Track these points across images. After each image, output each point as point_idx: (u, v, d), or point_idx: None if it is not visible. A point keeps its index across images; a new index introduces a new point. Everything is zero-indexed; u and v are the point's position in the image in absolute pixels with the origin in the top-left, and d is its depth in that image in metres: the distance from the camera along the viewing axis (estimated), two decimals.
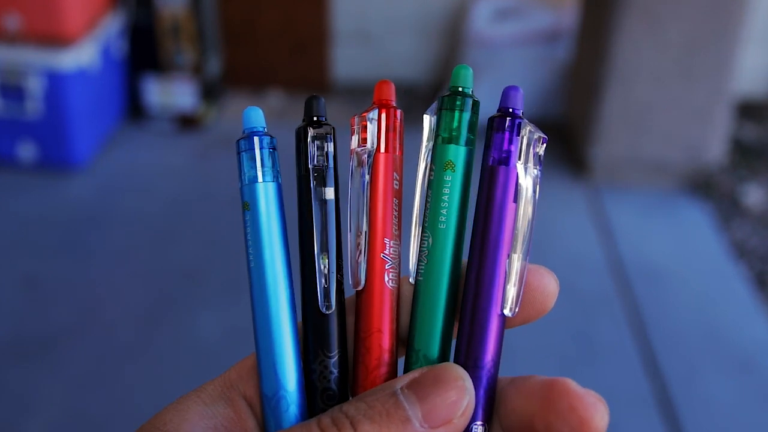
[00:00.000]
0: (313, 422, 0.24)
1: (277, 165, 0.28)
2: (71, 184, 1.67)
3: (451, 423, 0.24)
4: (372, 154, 0.28)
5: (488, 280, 0.27)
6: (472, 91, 0.28)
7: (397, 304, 0.28)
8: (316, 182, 0.27)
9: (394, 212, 0.28)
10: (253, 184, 0.27)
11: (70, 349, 1.25)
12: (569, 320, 1.32)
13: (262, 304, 0.27)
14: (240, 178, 0.27)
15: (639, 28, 1.58)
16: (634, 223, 1.61)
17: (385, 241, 0.28)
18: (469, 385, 0.25)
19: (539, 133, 0.27)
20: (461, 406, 0.24)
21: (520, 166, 0.27)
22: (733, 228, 1.63)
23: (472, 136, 0.28)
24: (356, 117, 0.28)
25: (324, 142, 0.27)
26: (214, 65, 1.95)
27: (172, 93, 1.87)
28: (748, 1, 1.56)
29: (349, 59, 2.10)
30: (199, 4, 1.82)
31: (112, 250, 1.49)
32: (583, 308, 1.36)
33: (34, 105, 1.66)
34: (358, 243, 0.28)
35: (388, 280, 0.28)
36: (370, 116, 0.28)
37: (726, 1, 1.55)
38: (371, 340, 0.27)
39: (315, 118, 0.28)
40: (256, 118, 0.28)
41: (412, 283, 0.28)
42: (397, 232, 0.28)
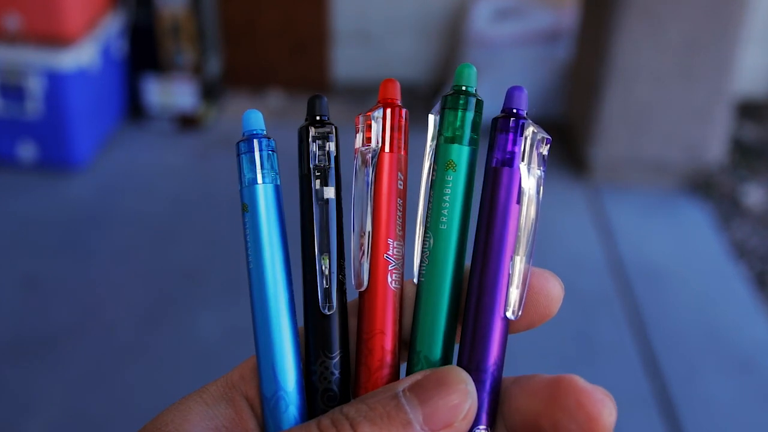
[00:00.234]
0: (313, 423, 0.24)
1: (276, 167, 0.28)
2: (71, 184, 1.67)
3: (452, 426, 0.24)
4: (376, 153, 0.27)
5: (491, 283, 0.26)
6: (476, 90, 0.27)
7: (400, 305, 0.28)
8: (318, 182, 0.27)
9: (398, 213, 0.28)
10: (252, 186, 0.27)
11: (70, 349, 1.25)
12: (569, 320, 1.32)
13: (261, 306, 0.27)
14: (239, 180, 0.28)
15: (639, 28, 1.58)
16: (634, 223, 1.61)
17: (389, 241, 0.27)
18: (471, 388, 0.25)
19: (543, 134, 0.27)
20: (463, 409, 0.24)
21: (524, 167, 0.26)
22: (733, 228, 1.63)
23: (476, 136, 0.27)
24: (361, 116, 0.28)
25: (326, 142, 0.27)
26: (214, 65, 1.95)
27: (172, 93, 1.87)
28: (748, 1, 1.56)
29: (349, 59, 2.10)
30: (199, 4, 1.82)
31: (112, 250, 1.49)
32: (583, 308, 1.36)
33: (34, 105, 1.66)
34: (361, 243, 0.27)
35: (391, 281, 0.27)
36: (375, 115, 0.27)
37: (726, 1, 1.55)
38: (373, 341, 0.27)
39: (317, 118, 0.28)
40: (255, 120, 0.28)
41: (415, 284, 0.28)
42: (400, 232, 0.28)
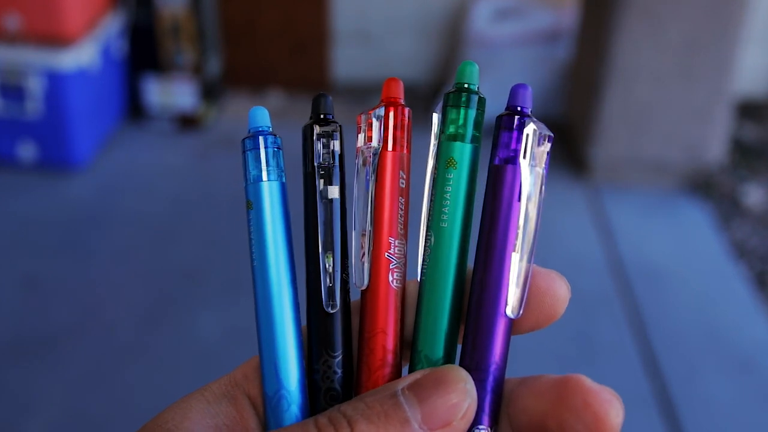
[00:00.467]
0: (311, 421, 0.24)
1: (282, 164, 0.27)
2: (71, 184, 1.67)
3: (451, 425, 0.24)
4: (378, 152, 0.27)
5: (493, 282, 0.26)
6: (478, 88, 0.27)
7: (402, 304, 0.27)
8: (322, 180, 0.27)
9: (400, 211, 0.27)
10: (257, 183, 0.27)
11: (70, 349, 1.25)
12: (569, 320, 1.32)
13: (264, 303, 0.27)
14: (245, 177, 0.27)
15: (639, 28, 1.58)
16: (634, 223, 1.61)
17: (390, 240, 0.27)
18: (471, 387, 0.25)
19: (546, 132, 0.26)
20: (462, 408, 0.24)
21: (527, 165, 0.26)
22: (733, 228, 1.63)
23: (478, 134, 0.27)
24: (363, 115, 0.28)
25: (330, 140, 0.27)
26: (214, 65, 1.95)
27: (172, 93, 1.87)
28: (748, 1, 1.56)
29: (349, 59, 2.10)
30: (199, 4, 1.82)
31: (112, 250, 1.49)
32: (583, 308, 1.36)
33: (34, 105, 1.66)
34: (362, 242, 0.27)
35: (393, 279, 0.27)
36: (377, 114, 0.27)
37: (726, 1, 1.55)
38: (375, 340, 0.27)
39: (322, 116, 0.28)
40: (261, 117, 0.28)
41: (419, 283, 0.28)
42: (402, 231, 0.27)
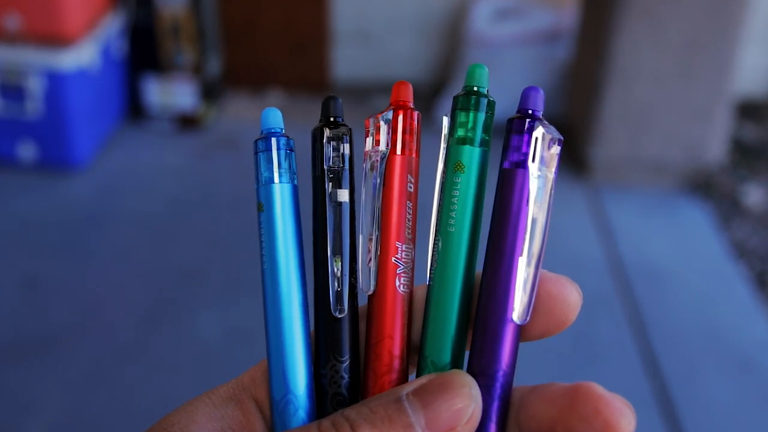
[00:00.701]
0: (314, 425, 0.24)
1: (294, 166, 0.27)
2: (71, 184, 1.67)
3: (455, 431, 0.24)
4: (385, 156, 0.27)
5: (501, 287, 0.26)
6: (487, 91, 0.27)
7: (409, 309, 0.27)
8: (331, 183, 0.27)
9: (408, 216, 0.27)
10: (269, 185, 0.27)
11: (70, 349, 1.25)
12: None
13: (274, 307, 0.27)
14: (256, 179, 0.27)
15: (639, 28, 1.58)
16: (634, 223, 1.61)
17: (397, 244, 0.27)
18: (476, 393, 0.24)
19: (556, 135, 0.26)
20: (466, 414, 0.24)
21: (536, 169, 0.26)
22: (733, 228, 1.63)
23: (487, 137, 0.27)
24: (371, 118, 0.27)
25: (340, 143, 0.27)
26: (214, 65, 1.95)
27: (172, 93, 1.87)
28: (748, 1, 1.56)
29: (349, 59, 2.10)
30: (199, 4, 1.82)
31: (112, 250, 1.49)
32: (583, 308, 1.35)
33: (34, 105, 1.66)
34: (369, 247, 0.27)
35: (400, 284, 0.27)
36: (386, 117, 0.27)
37: (726, 1, 1.55)
38: (381, 345, 0.27)
39: (332, 119, 0.27)
40: (274, 118, 0.27)
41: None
42: (410, 236, 0.27)
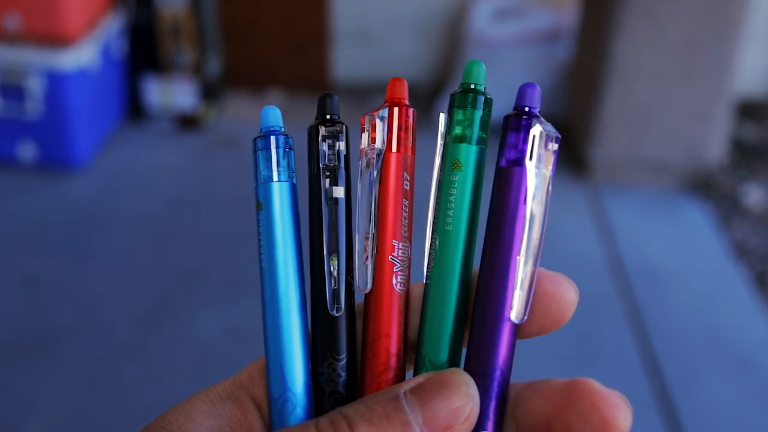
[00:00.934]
0: (312, 423, 0.24)
1: (293, 165, 0.27)
2: (71, 184, 1.67)
3: (452, 429, 0.24)
4: (381, 153, 0.27)
5: (499, 286, 0.26)
6: (485, 88, 0.27)
7: (406, 307, 0.27)
8: (327, 181, 0.27)
9: (404, 214, 0.27)
10: (267, 183, 0.27)
11: (70, 349, 1.25)
12: (569, 320, 1.32)
13: (272, 305, 0.27)
14: (255, 177, 0.27)
15: (639, 28, 1.58)
16: (634, 223, 1.61)
17: (394, 243, 0.27)
18: (473, 391, 0.24)
19: (554, 133, 0.26)
20: (464, 412, 0.24)
21: (533, 167, 0.26)
22: (733, 228, 1.63)
23: (485, 135, 0.27)
24: (366, 115, 0.27)
25: (336, 141, 0.27)
26: (214, 65, 1.95)
27: (172, 93, 1.87)
28: (748, 1, 1.56)
29: (349, 59, 2.10)
30: (199, 4, 1.82)
31: (112, 250, 1.49)
32: (583, 308, 1.34)
33: (34, 105, 1.66)
34: (366, 245, 0.27)
35: (396, 283, 0.27)
36: (381, 114, 0.27)
37: (726, 1, 1.55)
38: (378, 344, 0.27)
39: (328, 117, 0.27)
40: (273, 117, 0.27)
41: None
42: (407, 234, 0.27)
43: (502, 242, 0.26)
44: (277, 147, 0.27)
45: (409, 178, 0.27)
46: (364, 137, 0.27)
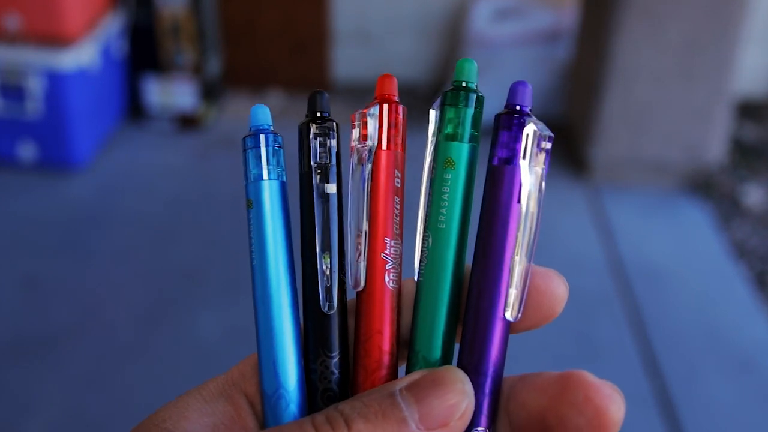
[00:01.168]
0: (308, 420, 0.24)
1: (282, 163, 0.27)
2: (71, 184, 1.67)
3: (448, 426, 0.24)
4: (373, 150, 0.27)
5: (492, 284, 0.26)
6: (476, 86, 0.27)
7: (398, 304, 0.27)
8: (319, 179, 0.27)
9: (396, 211, 0.27)
10: (257, 181, 0.27)
11: (70, 349, 1.25)
12: (569, 320, 1.32)
13: (263, 302, 0.27)
14: (245, 176, 0.27)
15: (639, 28, 1.58)
16: (634, 223, 1.61)
17: (386, 240, 0.27)
18: (468, 388, 0.25)
19: (546, 131, 0.26)
20: (459, 409, 0.24)
21: (526, 165, 0.25)
22: (733, 228, 1.63)
23: (476, 133, 0.26)
24: (357, 113, 0.27)
25: (327, 139, 0.27)
26: (214, 65, 1.95)
27: (172, 93, 1.87)
28: (748, 1, 1.56)
29: (349, 59, 2.10)
30: (199, 4, 1.82)
31: (112, 250, 1.49)
32: (583, 308, 1.36)
33: (34, 105, 1.66)
34: (358, 243, 0.27)
35: (389, 280, 0.27)
36: (371, 112, 0.27)
37: (726, 1, 1.55)
38: (371, 342, 0.27)
39: (318, 114, 0.27)
40: (263, 115, 0.27)
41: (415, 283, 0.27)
42: (398, 231, 0.27)
43: (497, 241, 0.26)
44: (267, 145, 0.27)
45: (400, 176, 0.27)
46: (355, 134, 0.27)
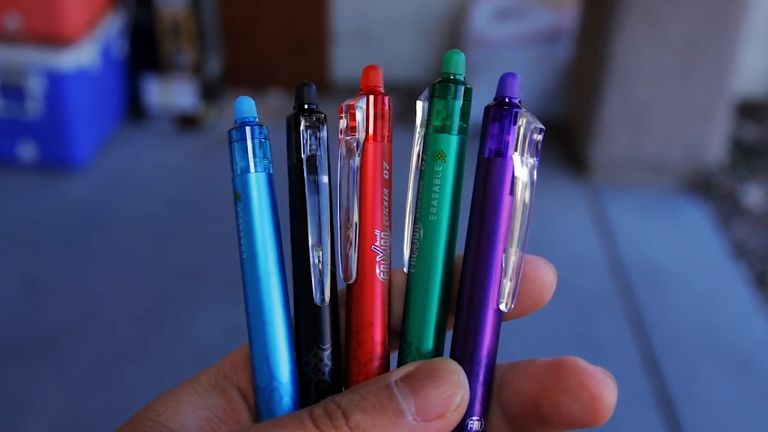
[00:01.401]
0: (305, 412, 0.24)
1: (269, 155, 0.27)
2: (71, 184, 1.67)
3: (444, 417, 0.24)
4: (361, 142, 0.27)
5: (484, 275, 0.26)
6: (464, 78, 0.27)
7: (388, 296, 0.27)
8: (309, 171, 0.27)
9: (385, 203, 0.27)
10: (245, 174, 0.27)
11: (70, 349, 1.25)
12: (569, 320, 1.32)
13: (254, 296, 0.27)
14: (232, 169, 0.27)
15: (639, 28, 1.58)
16: (634, 223, 1.61)
17: (376, 232, 0.27)
18: (463, 380, 0.25)
19: (536, 123, 0.26)
20: (455, 401, 0.24)
21: (517, 157, 0.26)
22: (733, 228, 1.63)
23: (465, 125, 0.27)
24: (344, 105, 0.27)
25: (316, 131, 0.27)
26: (214, 65, 1.95)
27: (172, 93, 1.87)
28: (748, 1, 1.56)
29: (349, 59, 2.10)
30: (199, 4, 1.82)
31: (112, 250, 1.49)
32: (583, 308, 1.36)
33: (34, 105, 1.66)
34: (348, 235, 0.27)
35: (380, 272, 0.27)
36: (359, 104, 0.27)
37: (726, 1, 1.55)
38: (363, 334, 0.27)
39: (306, 106, 0.27)
40: (247, 107, 0.27)
41: (405, 273, 0.27)
42: (387, 223, 0.27)
43: (489, 233, 0.26)
44: (253, 138, 0.27)
45: (387, 167, 0.27)
46: (343, 127, 0.27)
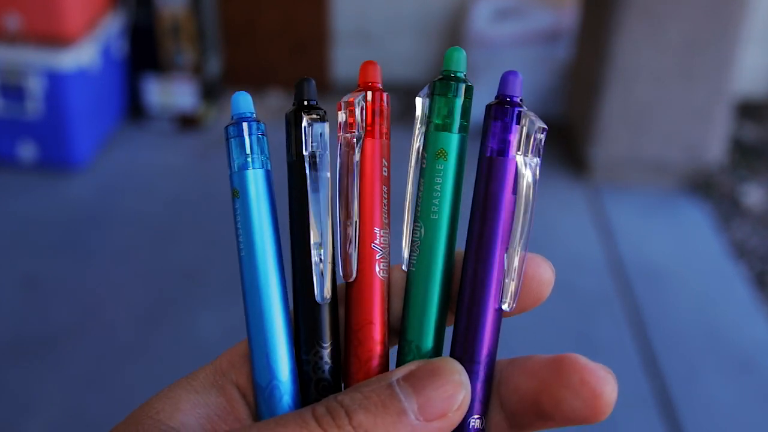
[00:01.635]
0: (308, 410, 0.24)
1: (266, 151, 0.27)
2: (71, 184, 1.67)
3: (446, 417, 0.24)
4: (360, 139, 0.27)
5: (485, 275, 0.26)
6: (465, 75, 0.27)
7: (388, 294, 0.27)
8: (310, 168, 0.26)
9: (384, 200, 0.27)
10: (242, 171, 0.26)
11: (70, 349, 1.25)
12: (569, 320, 1.32)
13: (253, 293, 0.26)
14: (229, 166, 0.27)
15: (639, 28, 1.58)
16: (634, 223, 1.61)
17: (375, 230, 0.27)
18: (465, 379, 0.25)
19: (539, 122, 0.26)
20: (457, 400, 0.24)
21: (519, 157, 0.25)
22: (733, 228, 1.63)
23: (466, 123, 0.26)
24: (342, 101, 0.27)
25: (317, 127, 0.26)
26: (214, 65, 1.95)
27: (172, 93, 1.87)
28: (748, 1, 1.56)
29: (349, 59, 2.10)
30: (199, 4, 1.82)
31: (112, 250, 1.49)
32: (583, 308, 1.36)
33: (34, 105, 1.66)
34: (348, 233, 0.27)
35: (379, 270, 0.27)
36: (358, 101, 0.27)
37: (726, 1, 1.55)
38: (363, 332, 0.27)
39: (306, 102, 0.27)
40: (244, 103, 0.27)
41: (404, 271, 0.27)
42: (386, 220, 0.27)
43: (491, 232, 0.26)
44: (250, 134, 0.27)
45: (386, 164, 0.27)
46: (342, 122, 0.27)
